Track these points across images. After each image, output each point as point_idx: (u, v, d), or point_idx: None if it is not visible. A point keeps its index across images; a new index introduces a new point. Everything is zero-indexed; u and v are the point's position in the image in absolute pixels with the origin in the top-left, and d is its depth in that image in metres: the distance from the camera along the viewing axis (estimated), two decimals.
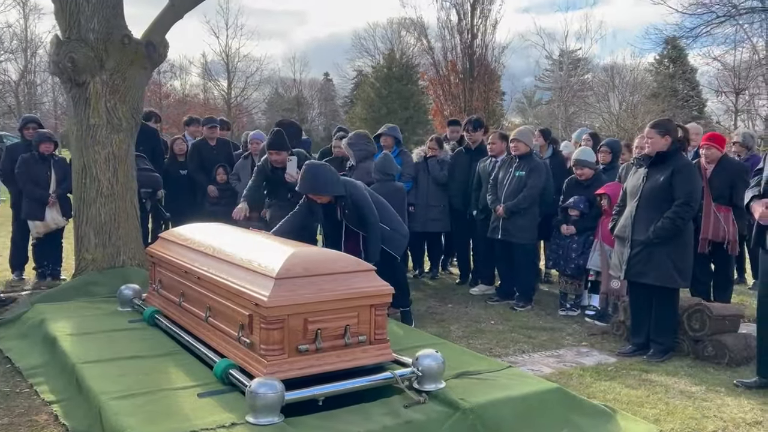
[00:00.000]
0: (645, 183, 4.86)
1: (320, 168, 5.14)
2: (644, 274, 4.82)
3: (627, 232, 4.91)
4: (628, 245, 4.89)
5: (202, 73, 42.63)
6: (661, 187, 4.76)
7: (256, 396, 3.08)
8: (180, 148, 8.12)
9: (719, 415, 3.78)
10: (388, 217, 5.40)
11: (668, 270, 4.74)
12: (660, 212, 4.73)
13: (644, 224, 4.79)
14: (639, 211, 4.85)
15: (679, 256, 4.76)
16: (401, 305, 5.57)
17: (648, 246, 4.76)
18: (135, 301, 5.21)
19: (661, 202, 4.75)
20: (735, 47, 24.79)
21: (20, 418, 3.61)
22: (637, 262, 4.85)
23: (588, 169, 6.20)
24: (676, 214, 4.67)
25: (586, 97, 36.53)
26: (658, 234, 4.70)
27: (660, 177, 4.78)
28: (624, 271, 4.95)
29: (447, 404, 3.37)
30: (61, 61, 5.78)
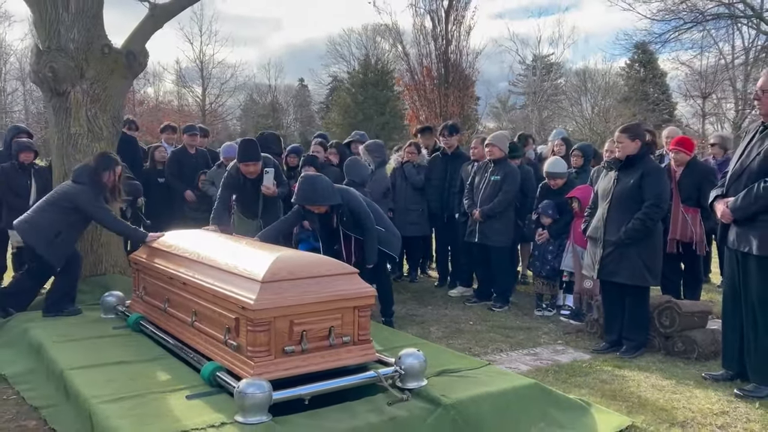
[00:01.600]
0: (616, 186, 5.05)
1: (317, 179, 5.28)
2: (616, 274, 5.01)
3: (599, 233, 5.10)
4: (601, 246, 5.07)
5: (177, 80, 42.37)
6: (631, 190, 4.95)
7: (245, 396, 3.18)
8: (161, 155, 8.15)
9: (688, 407, 3.95)
10: (381, 219, 5.57)
11: (639, 269, 4.93)
12: (630, 213, 4.92)
13: (616, 225, 4.97)
14: (610, 213, 5.03)
15: (648, 255, 4.95)
16: (384, 314, 5.71)
17: (619, 246, 4.95)
18: (118, 308, 5.27)
19: (631, 204, 4.94)
20: (702, 52, 25.39)
21: (9, 423, 3.65)
22: (609, 261, 5.03)
23: (560, 179, 6.38)
24: (646, 215, 4.86)
25: (559, 101, 37.08)
26: (629, 234, 4.89)
27: (630, 180, 4.97)
28: (597, 270, 5.13)
29: (429, 401, 3.49)
30: (41, 70, 5.82)
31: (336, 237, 5.46)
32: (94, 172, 5.39)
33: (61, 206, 5.29)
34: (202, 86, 41.87)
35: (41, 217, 5.27)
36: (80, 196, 5.28)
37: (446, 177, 7.25)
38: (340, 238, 5.43)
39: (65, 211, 5.28)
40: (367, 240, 5.32)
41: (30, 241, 5.27)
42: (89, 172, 5.39)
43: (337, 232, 5.42)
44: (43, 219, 5.25)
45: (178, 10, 6.49)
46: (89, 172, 5.39)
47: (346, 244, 5.41)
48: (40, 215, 5.28)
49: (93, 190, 5.34)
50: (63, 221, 5.27)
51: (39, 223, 5.24)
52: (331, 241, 5.51)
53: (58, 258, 5.29)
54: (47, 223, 5.24)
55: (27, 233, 5.28)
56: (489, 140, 6.62)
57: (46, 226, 5.23)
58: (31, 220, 5.29)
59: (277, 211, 6.29)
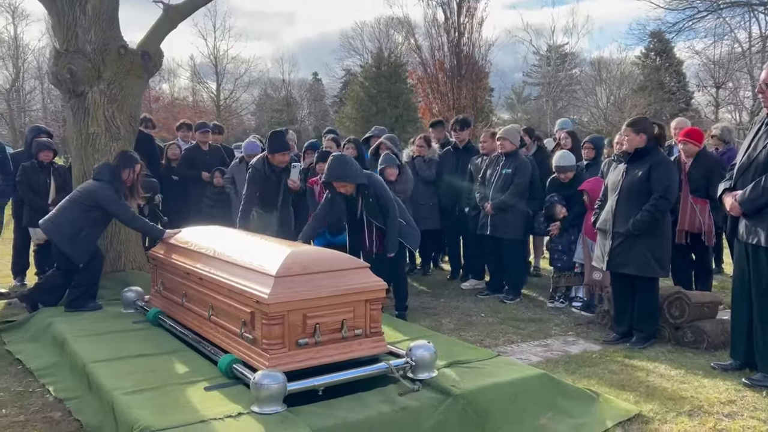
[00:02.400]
0: (624, 178, 5.10)
1: (346, 158, 5.57)
2: (625, 265, 5.06)
3: (608, 225, 5.15)
4: (610, 237, 5.13)
5: (191, 76, 42.66)
6: (639, 182, 5.00)
7: (261, 387, 3.29)
8: (174, 153, 8.29)
9: (696, 396, 4.01)
10: (403, 212, 5.77)
11: (647, 260, 4.98)
12: (639, 206, 4.97)
13: (624, 217, 5.03)
14: (619, 205, 5.09)
15: (656, 246, 5.00)
16: (398, 308, 5.83)
17: (628, 238, 5.00)
18: (138, 303, 5.41)
19: (639, 196, 4.99)
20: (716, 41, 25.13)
21: (35, 415, 3.80)
22: (618, 253, 5.09)
23: (570, 172, 6.43)
24: (654, 207, 4.91)
25: (574, 91, 36.86)
26: (637, 226, 4.94)
27: (638, 172, 5.02)
28: (606, 262, 5.19)
29: (439, 391, 3.58)
30: (60, 72, 5.97)
31: (360, 225, 5.64)
32: (115, 170, 5.56)
33: (83, 204, 5.44)
34: (217, 82, 42.14)
35: (64, 215, 5.43)
36: (100, 193, 5.43)
37: (457, 171, 7.32)
38: (363, 226, 5.60)
39: (87, 208, 5.44)
40: (389, 227, 5.50)
41: (55, 239, 5.44)
42: (110, 170, 5.55)
43: (361, 220, 5.59)
44: (66, 217, 5.42)
45: (192, 10, 6.61)
46: (110, 170, 5.55)
47: (369, 232, 5.59)
48: (63, 214, 5.45)
49: (113, 187, 5.49)
50: (85, 219, 5.43)
51: (62, 222, 5.41)
52: (355, 229, 5.71)
53: (80, 255, 5.44)
54: (70, 221, 5.40)
55: (51, 232, 5.45)
56: (500, 134, 6.68)
57: (69, 224, 5.40)
58: (54, 219, 5.45)
59: (290, 204, 6.51)
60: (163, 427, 3.11)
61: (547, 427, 3.58)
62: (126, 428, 3.21)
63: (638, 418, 3.68)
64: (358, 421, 3.26)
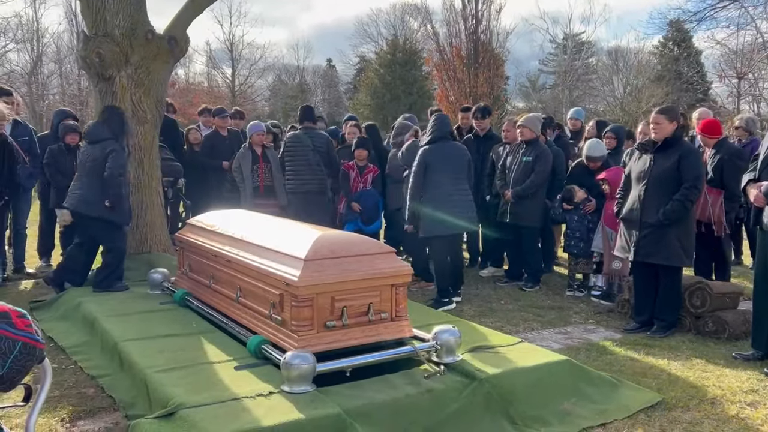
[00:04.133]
0: (652, 168, 5.10)
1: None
2: (653, 255, 5.08)
3: (635, 215, 5.16)
4: (637, 227, 5.14)
5: (207, 61, 42.75)
6: (669, 172, 5.00)
7: (291, 367, 3.37)
8: (195, 137, 8.37)
9: (718, 384, 4.05)
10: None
11: (676, 249, 5.01)
12: (668, 195, 4.97)
13: (654, 207, 5.03)
14: (648, 195, 5.09)
15: (684, 236, 5.03)
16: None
17: (658, 228, 5.02)
18: (164, 284, 5.51)
19: (669, 186, 5.00)
20: (738, 30, 24.81)
21: (70, 390, 3.91)
22: (646, 243, 5.10)
23: (599, 162, 6.44)
24: (685, 197, 4.93)
25: (590, 80, 36.59)
26: (668, 215, 4.95)
27: (667, 162, 5.02)
28: (633, 252, 5.20)
29: (464, 375, 3.65)
30: (89, 56, 6.05)
31: None
32: (113, 127, 5.62)
33: (101, 172, 5.49)
34: (232, 67, 42.19)
35: (91, 190, 5.53)
36: (117, 158, 5.50)
37: (478, 159, 7.34)
38: None
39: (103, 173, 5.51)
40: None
41: (91, 212, 5.54)
42: (109, 129, 5.61)
43: None
44: (94, 191, 5.51)
45: None
46: (109, 129, 5.61)
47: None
48: (88, 188, 5.54)
49: (120, 145, 5.62)
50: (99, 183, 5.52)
51: (91, 196, 5.51)
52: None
53: (124, 216, 5.64)
54: (99, 192, 5.49)
55: (84, 207, 5.56)
56: (521, 122, 6.69)
57: (100, 194, 5.49)
58: (81, 196, 5.56)
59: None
60: (197, 404, 3.19)
61: (571, 412, 3.63)
62: (160, 405, 3.30)
63: (661, 404, 3.73)
64: (385, 402, 3.33)
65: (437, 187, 5.85)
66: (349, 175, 7.17)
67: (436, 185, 5.85)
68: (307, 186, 7.29)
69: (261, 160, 7.62)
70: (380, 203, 7.24)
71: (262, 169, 7.62)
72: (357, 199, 7.08)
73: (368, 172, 7.19)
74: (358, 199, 7.08)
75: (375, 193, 7.16)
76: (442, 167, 5.89)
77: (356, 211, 7.04)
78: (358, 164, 7.19)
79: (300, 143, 7.32)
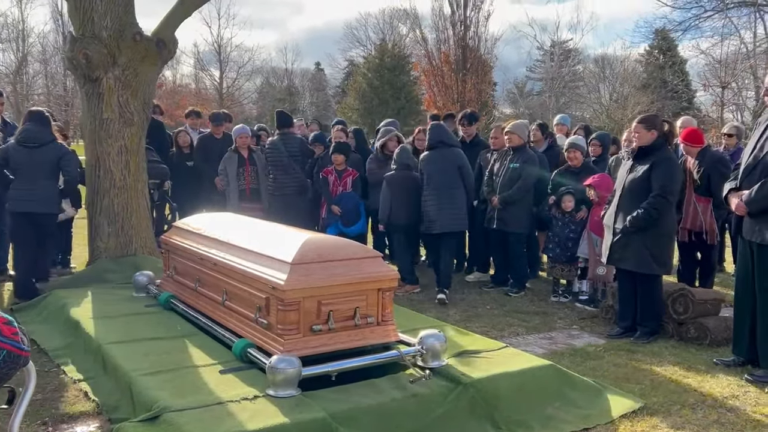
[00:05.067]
0: (628, 175, 5.18)
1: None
2: (623, 260, 5.16)
3: (610, 221, 5.23)
4: (612, 232, 5.21)
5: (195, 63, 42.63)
6: (640, 180, 5.08)
7: (277, 371, 3.37)
8: (184, 140, 8.34)
9: (699, 390, 4.10)
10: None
11: (645, 257, 5.06)
12: (639, 203, 5.05)
13: (624, 214, 5.12)
14: (621, 202, 5.17)
15: (655, 244, 5.06)
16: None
17: (625, 234, 5.09)
18: (149, 287, 5.48)
19: (641, 194, 5.06)
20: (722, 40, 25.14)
21: (53, 394, 3.88)
22: (617, 248, 5.17)
23: (580, 153, 6.52)
24: (651, 205, 4.98)
25: (577, 87, 36.88)
26: (632, 223, 5.03)
27: (641, 170, 5.09)
28: (606, 256, 5.27)
29: (449, 379, 3.67)
30: (76, 57, 6.02)
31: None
32: (50, 130, 6.13)
33: (55, 173, 6.04)
34: (220, 70, 42.11)
35: (47, 190, 5.99)
36: (71, 159, 6.13)
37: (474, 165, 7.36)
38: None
39: (56, 174, 6.08)
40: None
41: (54, 210, 6.12)
42: (51, 132, 6.11)
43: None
44: (49, 191, 6.01)
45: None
46: (51, 132, 6.11)
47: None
48: (44, 190, 5.97)
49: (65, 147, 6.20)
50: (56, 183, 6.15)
51: (52, 197, 6.06)
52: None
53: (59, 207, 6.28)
54: (56, 191, 6.09)
55: (46, 207, 6.01)
56: (509, 128, 6.73)
57: (57, 193, 6.12)
58: (41, 197, 5.95)
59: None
60: (182, 407, 3.19)
61: (555, 416, 3.66)
62: (144, 408, 3.29)
63: (643, 410, 3.76)
64: (371, 406, 3.34)
65: (431, 189, 6.45)
66: (328, 179, 7.21)
67: (430, 188, 6.46)
68: (285, 189, 7.51)
69: (247, 163, 7.63)
70: (361, 206, 7.27)
71: (248, 172, 7.65)
72: (337, 203, 7.13)
73: (347, 175, 7.23)
74: (338, 202, 7.13)
75: (354, 196, 7.20)
76: (435, 172, 6.45)
77: (336, 214, 7.08)
78: (337, 169, 7.23)
79: (275, 149, 7.60)
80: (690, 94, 34.51)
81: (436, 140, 6.59)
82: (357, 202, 7.23)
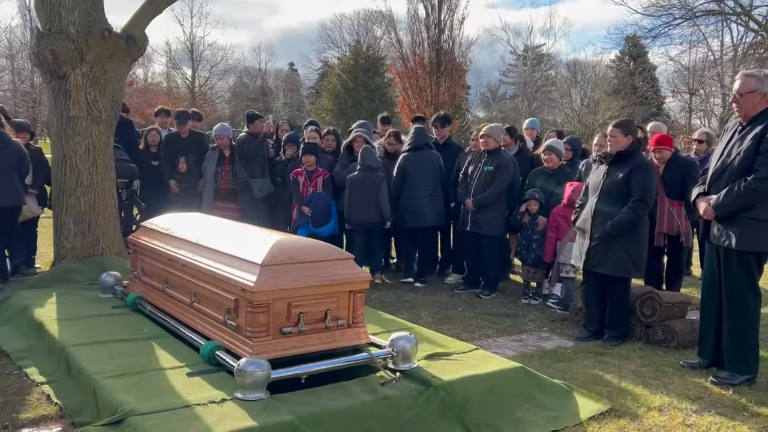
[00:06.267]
0: (605, 180, 5.21)
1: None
2: (601, 265, 5.19)
3: (587, 225, 5.27)
4: (588, 237, 5.25)
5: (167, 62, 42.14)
6: (619, 185, 5.12)
7: (245, 374, 3.33)
8: (153, 139, 8.22)
9: (665, 392, 4.15)
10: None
11: (624, 261, 5.12)
12: (618, 207, 5.09)
13: (603, 219, 5.15)
14: (598, 206, 5.20)
15: (633, 248, 5.13)
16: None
17: (605, 239, 5.13)
18: (116, 287, 5.38)
19: (619, 198, 5.11)
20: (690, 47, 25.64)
21: (14, 397, 3.78)
22: (595, 253, 5.21)
23: (556, 156, 6.59)
24: (632, 210, 5.04)
25: (549, 92, 37.25)
26: (615, 228, 5.07)
27: (619, 174, 5.13)
28: (583, 261, 5.30)
29: (420, 382, 3.65)
30: (42, 52, 5.88)
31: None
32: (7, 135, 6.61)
33: (16, 169, 6.51)
34: (192, 68, 41.68)
35: (14, 184, 6.51)
36: (25, 157, 6.65)
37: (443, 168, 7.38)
38: None
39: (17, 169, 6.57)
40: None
41: (21, 203, 6.65)
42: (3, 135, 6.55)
43: None
44: (15, 185, 6.54)
45: None
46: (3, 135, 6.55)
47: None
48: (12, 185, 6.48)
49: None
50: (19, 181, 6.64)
51: (18, 190, 6.59)
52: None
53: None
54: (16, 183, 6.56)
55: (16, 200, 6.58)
56: (484, 131, 6.76)
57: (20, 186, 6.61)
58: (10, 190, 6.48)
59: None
60: (148, 411, 3.12)
61: (524, 418, 3.67)
62: (109, 411, 3.22)
63: (611, 412, 3.80)
64: (340, 409, 3.31)
65: (411, 187, 7.02)
66: (298, 180, 7.17)
67: (410, 186, 7.03)
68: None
69: (227, 163, 7.58)
70: (332, 206, 7.24)
71: (226, 171, 7.60)
72: (307, 203, 7.09)
73: (317, 176, 7.20)
74: (308, 203, 7.10)
75: (325, 196, 7.17)
76: (416, 172, 7.06)
77: (307, 215, 7.05)
78: (307, 170, 7.19)
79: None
80: (659, 100, 35.10)
81: (422, 142, 7.19)
82: (328, 203, 7.20)
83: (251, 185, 7.55)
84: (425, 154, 7.14)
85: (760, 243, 4.27)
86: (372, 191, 6.80)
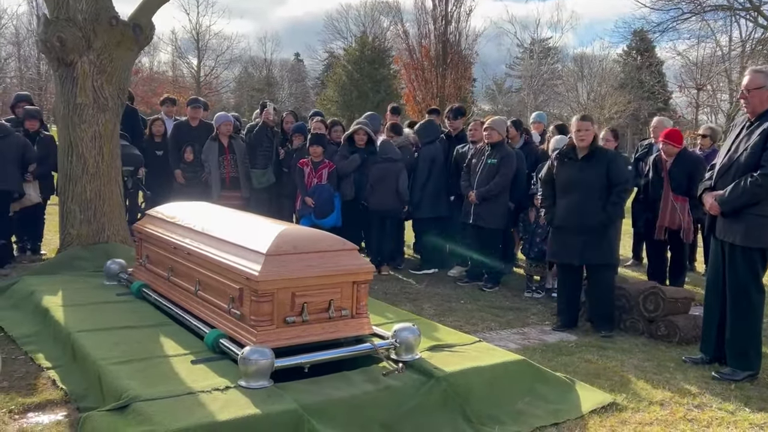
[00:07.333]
0: (583, 174, 5.27)
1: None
2: (594, 257, 5.29)
3: (573, 221, 5.29)
4: (576, 232, 5.26)
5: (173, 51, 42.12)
6: (601, 177, 5.24)
7: (249, 362, 3.35)
8: (158, 129, 8.20)
9: (667, 387, 4.15)
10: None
11: (611, 248, 5.42)
12: (602, 199, 5.21)
13: (593, 211, 5.22)
14: (586, 201, 5.24)
15: (616, 235, 5.49)
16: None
17: (599, 230, 5.23)
18: (121, 275, 5.41)
19: (602, 191, 5.25)
20: (699, 42, 25.48)
21: (20, 381, 3.81)
22: (593, 246, 5.24)
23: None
24: (620, 197, 5.29)
25: (556, 86, 37.15)
26: (611, 217, 5.24)
27: (598, 168, 5.26)
28: (579, 257, 5.31)
29: (422, 373, 3.67)
30: (49, 40, 5.89)
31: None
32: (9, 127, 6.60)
33: (17, 160, 6.51)
34: (198, 57, 41.65)
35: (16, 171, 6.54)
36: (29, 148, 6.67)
37: (450, 160, 7.39)
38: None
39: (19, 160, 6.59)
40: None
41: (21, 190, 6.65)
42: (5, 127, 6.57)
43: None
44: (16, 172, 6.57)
45: None
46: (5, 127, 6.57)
47: None
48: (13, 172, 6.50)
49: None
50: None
51: (18, 178, 6.61)
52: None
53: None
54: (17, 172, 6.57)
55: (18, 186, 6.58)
56: (488, 124, 6.74)
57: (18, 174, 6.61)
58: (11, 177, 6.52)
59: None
60: (152, 397, 3.15)
61: (525, 411, 3.68)
62: (114, 397, 3.24)
63: (613, 405, 3.81)
64: (343, 398, 3.33)
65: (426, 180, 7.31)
66: (303, 171, 7.17)
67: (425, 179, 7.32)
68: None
69: (227, 152, 7.59)
70: (336, 198, 7.23)
71: (228, 160, 7.61)
72: (311, 194, 7.09)
73: (323, 167, 7.18)
74: (312, 194, 7.10)
75: (329, 188, 7.16)
76: (441, 163, 7.36)
77: (310, 206, 7.05)
78: (314, 160, 7.19)
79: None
80: (666, 95, 34.97)
81: (437, 135, 7.52)
82: (331, 194, 7.19)
83: (250, 175, 7.57)
84: (441, 147, 7.47)
85: (765, 239, 4.27)
86: (392, 180, 7.08)
